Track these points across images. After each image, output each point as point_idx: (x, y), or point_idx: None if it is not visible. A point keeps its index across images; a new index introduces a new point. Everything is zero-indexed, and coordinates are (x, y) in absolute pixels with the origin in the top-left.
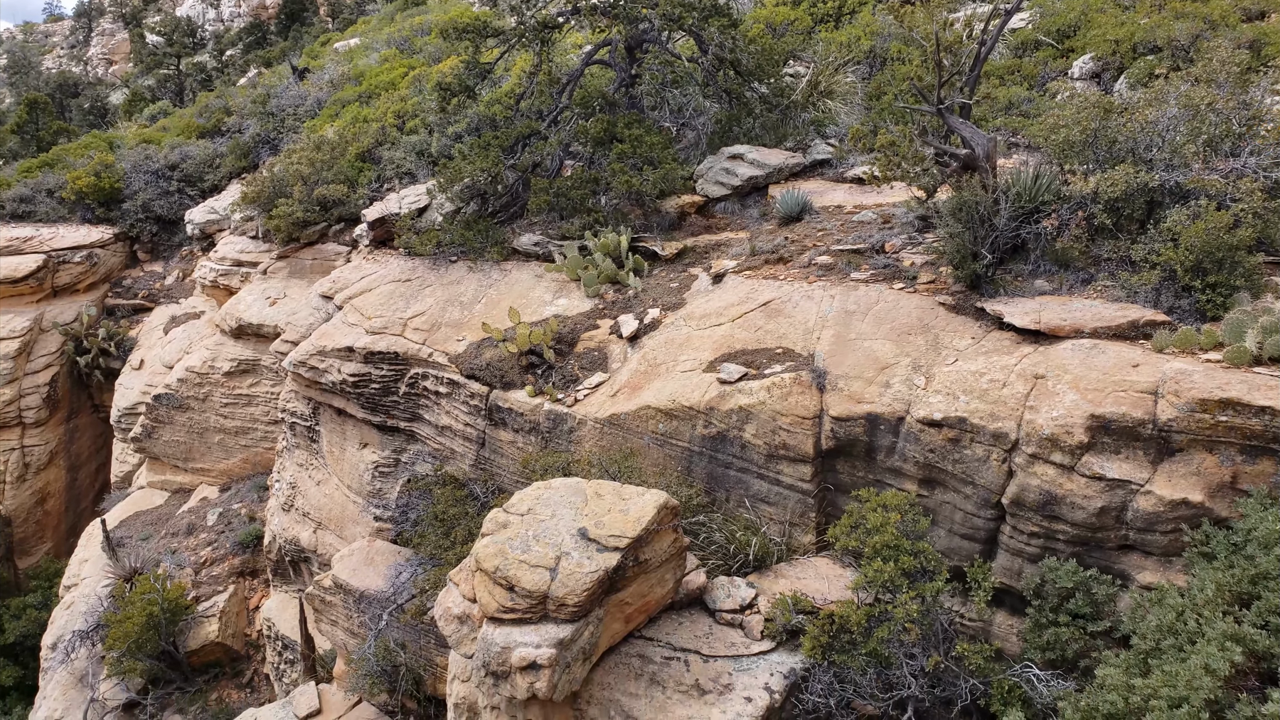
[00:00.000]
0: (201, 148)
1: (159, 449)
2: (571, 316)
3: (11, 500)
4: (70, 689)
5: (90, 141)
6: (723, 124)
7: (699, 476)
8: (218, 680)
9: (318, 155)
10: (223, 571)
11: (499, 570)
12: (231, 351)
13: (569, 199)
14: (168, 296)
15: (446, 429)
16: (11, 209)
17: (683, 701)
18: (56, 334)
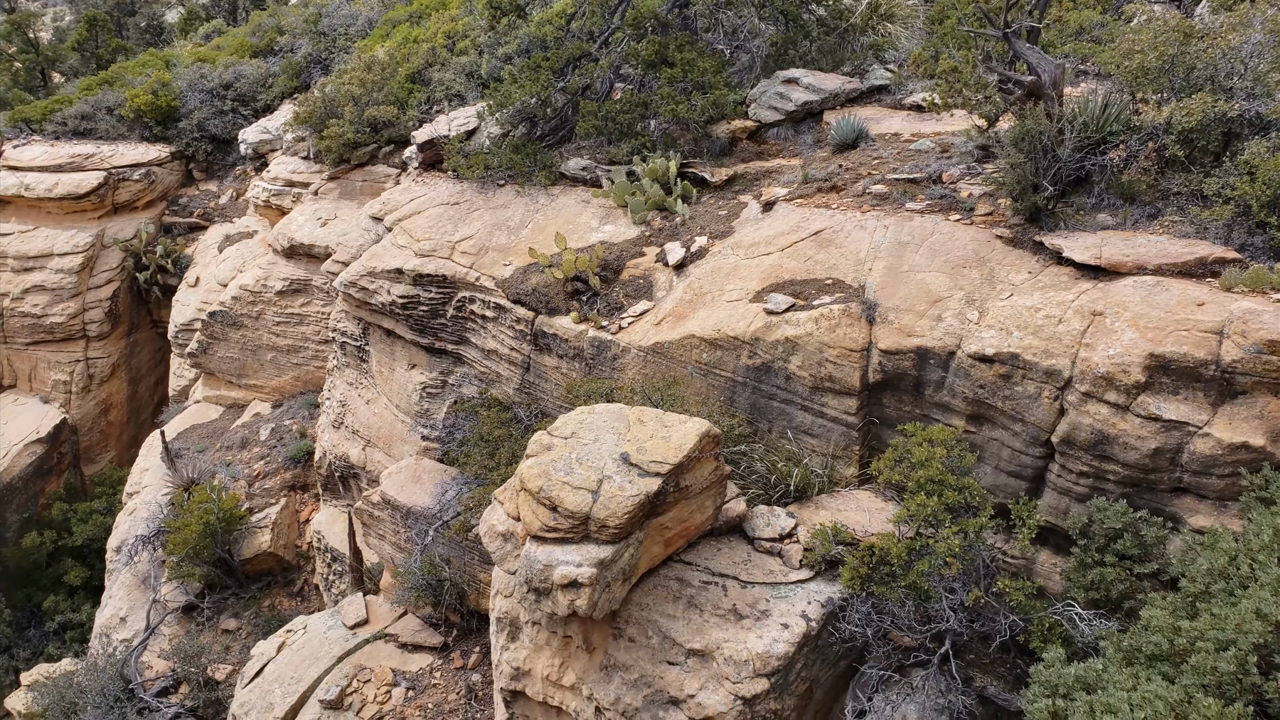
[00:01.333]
0: (255, 67)
1: (214, 365)
2: (617, 243)
3: (77, 410)
4: (134, 590)
5: (148, 60)
6: (778, 47)
7: (741, 407)
8: (270, 588)
9: (368, 76)
10: (275, 485)
11: (542, 491)
12: (284, 271)
13: (617, 123)
14: (222, 215)
15: (492, 353)
16: (73, 126)
17: (719, 625)
18: (117, 250)
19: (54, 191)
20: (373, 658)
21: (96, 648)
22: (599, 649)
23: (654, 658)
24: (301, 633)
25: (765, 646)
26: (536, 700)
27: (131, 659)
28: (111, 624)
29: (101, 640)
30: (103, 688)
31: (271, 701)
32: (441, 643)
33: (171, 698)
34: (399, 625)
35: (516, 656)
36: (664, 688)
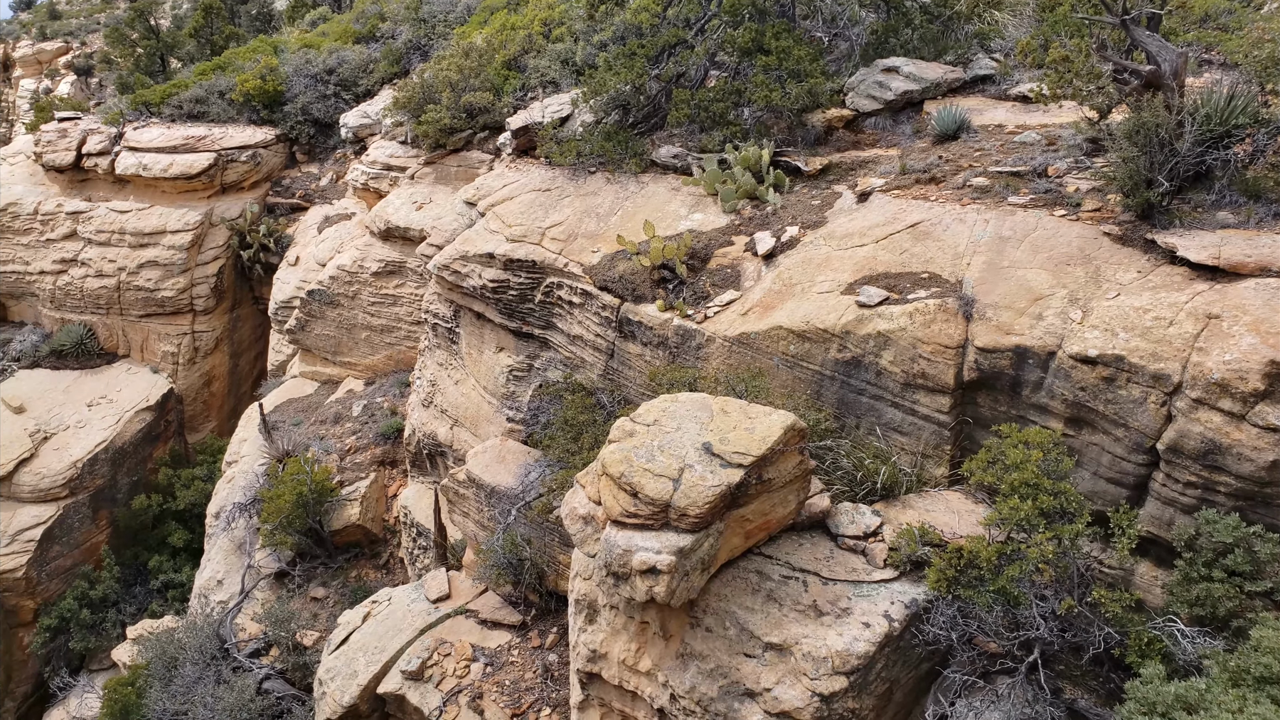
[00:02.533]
0: (357, 53)
1: (311, 341)
2: (706, 232)
3: (183, 380)
4: (230, 554)
5: (257, 46)
6: (878, 35)
7: (829, 401)
8: (357, 559)
9: (466, 62)
10: (365, 459)
11: (624, 476)
12: (379, 253)
13: (710, 111)
14: (322, 197)
15: (578, 338)
16: (188, 109)
17: (799, 620)
18: (223, 229)
19: (169, 171)
20: (453, 632)
21: (195, 607)
22: (676, 637)
23: (731, 649)
24: (386, 604)
25: (845, 645)
26: (612, 683)
27: (227, 620)
28: (209, 586)
29: (200, 601)
30: (200, 645)
31: (356, 669)
32: (520, 621)
33: (262, 659)
34: (479, 602)
35: (593, 639)
36: (740, 679)
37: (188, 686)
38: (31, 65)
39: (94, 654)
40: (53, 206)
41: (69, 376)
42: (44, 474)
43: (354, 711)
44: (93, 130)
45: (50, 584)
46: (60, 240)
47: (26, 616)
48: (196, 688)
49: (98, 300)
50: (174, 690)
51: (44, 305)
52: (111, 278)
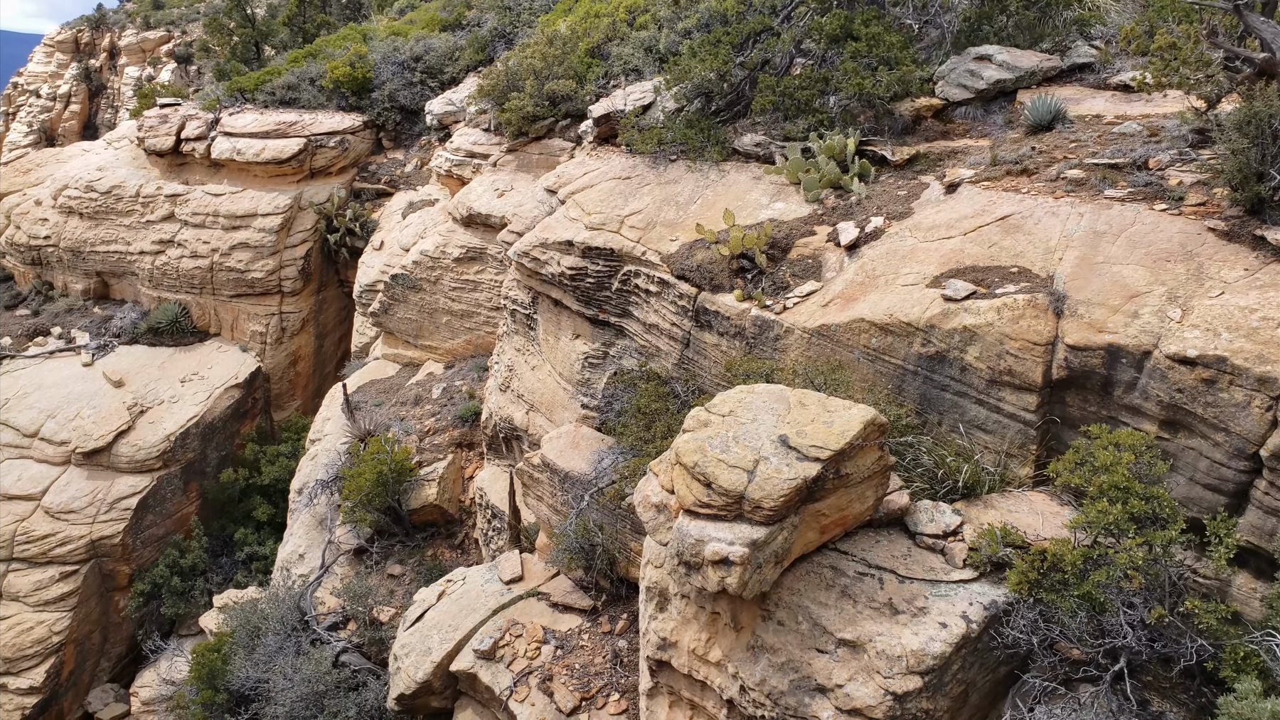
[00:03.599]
0: (443, 41)
1: (393, 324)
2: (787, 221)
3: (270, 359)
4: (312, 530)
5: (347, 34)
6: (971, 22)
7: (910, 396)
8: (433, 539)
9: (550, 50)
10: (443, 441)
11: (697, 466)
12: (461, 239)
13: (795, 99)
14: (406, 183)
15: (654, 327)
16: (280, 95)
17: (873, 617)
18: (312, 212)
19: (261, 156)
20: (525, 614)
21: (278, 579)
22: (747, 628)
23: (803, 643)
24: (460, 583)
25: (921, 644)
26: (681, 672)
27: (307, 593)
28: (291, 559)
29: (282, 573)
30: (282, 616)
31: (430, 646)
32: (591, 606)
33: (340, 633)
34: (551, 585)
35: (664, 627)
36: (811, 674)
37: (269, 656)
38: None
39: (183, 620)
40: (153, 189)
41: (164, 353)
42: (140, 446)
43: (427, 687)
44: (191, 116)
45: (144, 551)
46: (159, 222)
47: (122, 581)
48: (277, 657)
49: (192, 280)
50: (256, 658)
51: (143, 284)
52: (205, 258)
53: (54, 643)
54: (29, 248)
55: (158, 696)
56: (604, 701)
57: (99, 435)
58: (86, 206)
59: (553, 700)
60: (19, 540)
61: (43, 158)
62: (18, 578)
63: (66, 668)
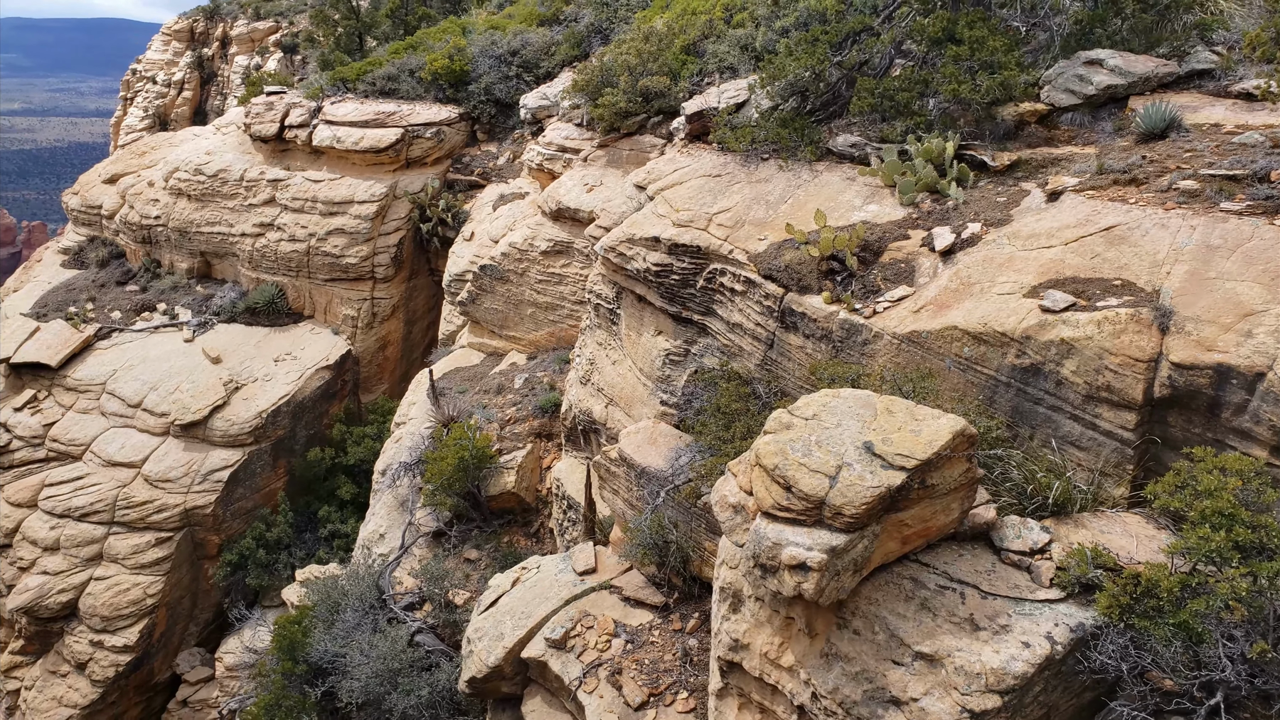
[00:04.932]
0: (540, 35)
1: (480, 314)
2: (880, 224)
3: (360, 343)
4: (393, 511)
5: (447, 26)
6: (1083, 25)
7: (1001, 408)
8: (509, 526)
9: (645, 46)
10: (523, 430)
11: (778, 469)
12: (549, 232)
13: (893, 100)
14: (498, 176)
15: (737, 326)
16: (380, 86)
17: (953, 632)
18: (406, 202)
19: (359, 145)
20: (597, 606)
21: (358, 557)
22: (821, 635)
23: (878, 654)
24: (535, 571)
25: (1002, 662)
26: (752, 675)
27: (386, 572)
28: (372, 538)
29: (363, 551)
30: (361, 594)
31: (502, 631)
32: (662, 602)
33: (416, 613)
34: (624, 579)
35: (736, 629)
36: (886, 685)
37: (347, 631)
38: (246, 43)
39: (267, 591)
40: (256, 174)
41: (260, 332)
42: (234, 421)
43: (498, 672)
44: (295, 104)
45: (233, 523)
46: (260, 205)
47: (212, 550)
48: (355, 633)
49: (289, 263)
50: (335, 633)
51: (243, 265)
52: (302, 243)
53: (148, 605)
54: (140, 226)
55: (241, 663)
56: (672, 699)
57: (196, 409)
58: (194, 188)
59: (621, 694)
60: (120, 505)
61: (156, 141)
62: (118, 540)
63: (158, 629)
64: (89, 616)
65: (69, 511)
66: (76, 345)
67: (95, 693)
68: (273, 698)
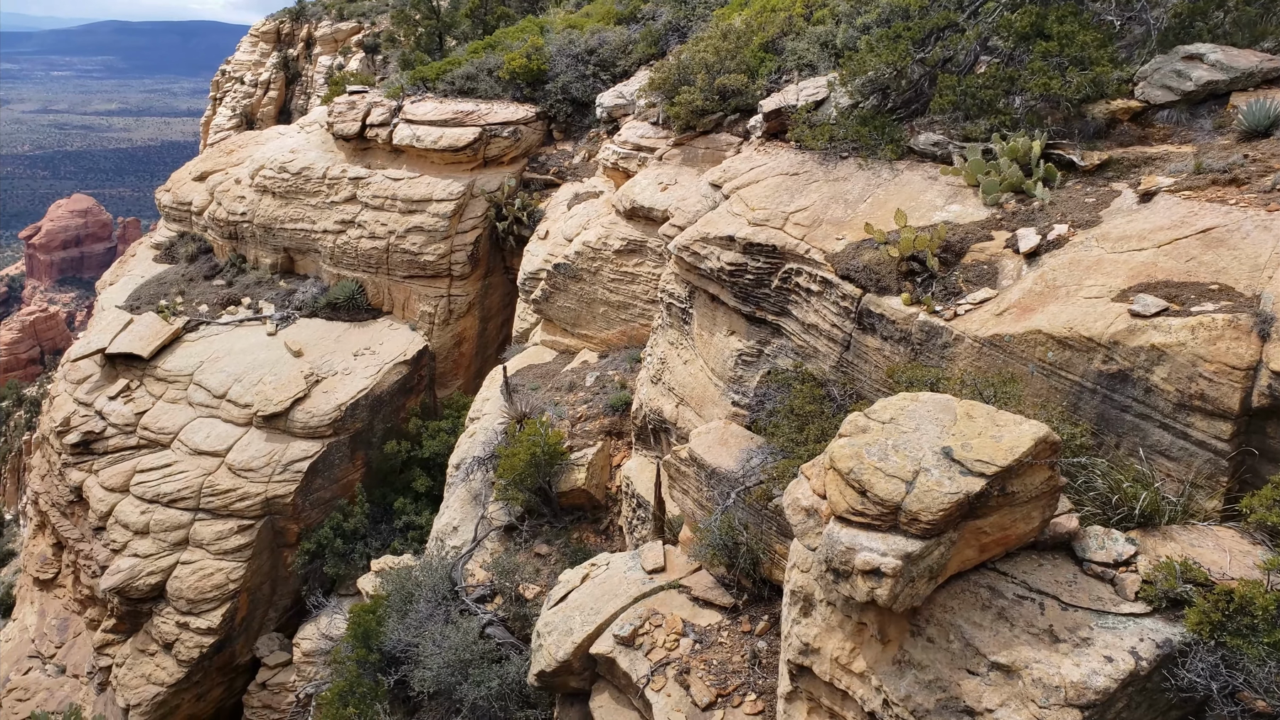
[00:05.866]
0: (617, 34)
1: (553, 312)
2: (963, 224)
3: (437, 339)
4: (466, 504)
5: (525, 26)
6: (1181, 18)
7: (1087, 415)
8: (579, 522)
9: (723, 44)
10: (593, 428)
11: (852, 473)
12: (623, 231)
13: (978, 98)
14: (573, 174)
15: (812, 327)
16: (459, 85)
17: (1031, 643)
18: (482, 200)
19: (438, 144)
20: (665, 605)
21: (432, 549)
22: (894, 642)
23: (953, 663)
24: (604, 568)
25: (1082, 676)
26: (822, 679)
27: (459, 565)
28: (445, 531)
29: (436, 543)
30: (434, 585)
31: (571, 626)
32: (732, 604)
33: (487, 605)
34: (692, 579)
35: (807, 633)
36: (960, 695)
37: (420, 621)
38: (329, 43)
39: (343, 580)
40: (338, 172)
41: (340, 327)
42: (314, 413)
43: (567, 667)
44: (376, 103)
45: (311, 512)
46: (342, 203)
47: (291, 538)
48: (428, 624)
49: (369, 260)
50: (408, 623)
51: (324, 261)
52: (382, 240)
53: (230, 589)
54: (227, 223)
55: (317, 649)
56: (740, 700)
57: (278, 400)
58: (279, 186)
59: (689, 693)
60: (205, 493)
61: (243, 140)
62: (203, 527)
63: (240, 614)
64: (176, 599)
65: (158, 497)
66: (166, 337)
67: (181, 672)
68: (347, 684)
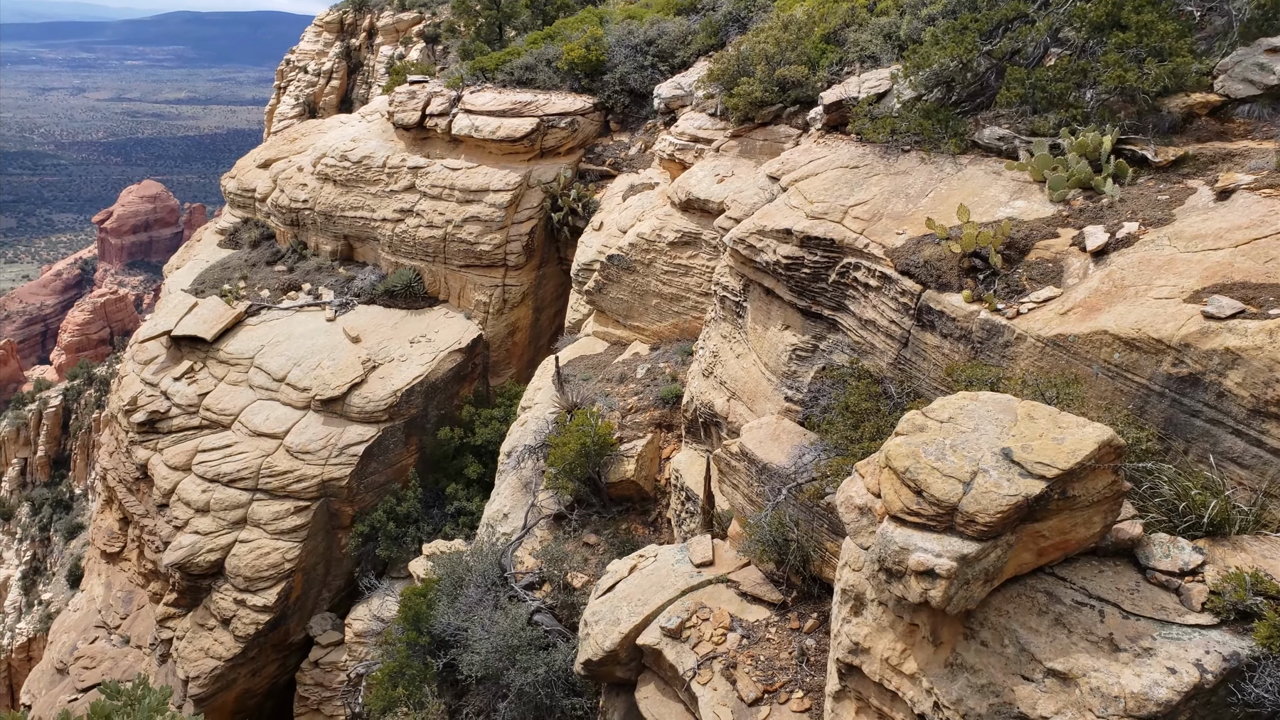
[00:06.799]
0: (676, 25)
1: (605, 304)
2: (1028, 221)
3: (491, 328)
4: (517, 492)
5: (585, 16)
6: (1265, 9)
7: (1153, 419)
8: (627, 513)
9: (784, 35)
10: (643, 420)
11: (909, 472)
12: (677, 223)
13: (1047, 91)
14: (629, 166)
15: (870, 323)
16: (518, 76)
17: (1089, 651)
18: (538, 191)
19: (496, 134)
20: (713, 598)
21: (482, 535)
22: (946, 644)
23: (1007, 668)
24: (652, 560)
25: (1143, 687)
26: (872, 679)
27: (508, 551)
28: (496, 517)
29: (487, 530)
30: (484, 571)
31: (619, 617)
32: (780, 600)
33: (535, 593)
34: (741, 574)
35: (857, 632)
36: (1013, 701)
37: (469, 606)
38: (390, 33)
39: (395, 563)
40: (397, 161)
41: (397, 314)
42: (370, 398)
43: (613, 656)
44: (436, 93)
45: (366, 496)
46: (400, 192)
47: (345, 521)
48: (477, 609)
49: (426, 248)
50: (458, 607)
51: (382, 249)
52: (439, 229)
53: (286, 569)
54: (289, 210)
55: (369, 630)
56: (787, 697)
57: (336, 385)
58: (339, 174)
59: (735, 688)
60: (263, 473)
61: (306, 128)
62: (260, 507)
63: (294, 593)
64: (233, 576)
65: (218, 477)
66: (229, 321)
67: (237, 647)
68: (397, 665)
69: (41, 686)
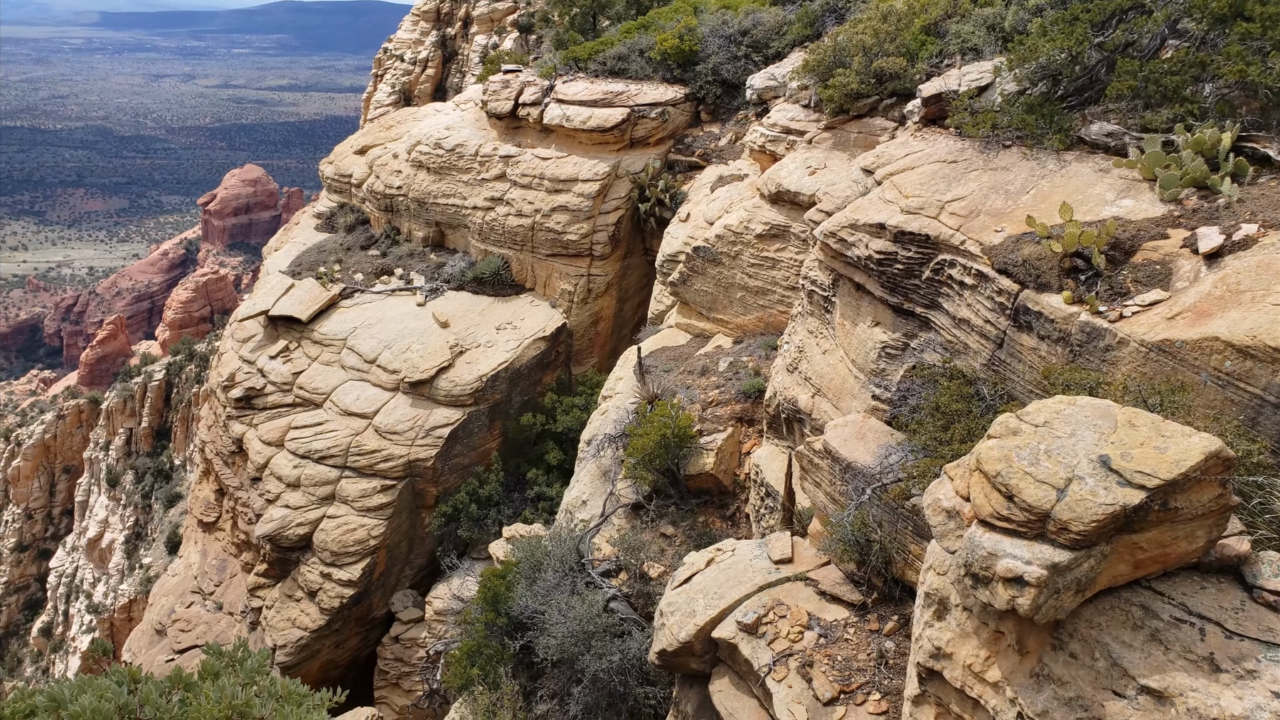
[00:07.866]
0: (772, 15)
1: (689, 295)
2: (1135, 221)
3: (575, 317)
4: (596, 479)
5: (679, 6)
6: None
7: (1266, 431)
8: (705, 506)
9: (883, 26)
10: (724, 414)
11: (1000, 476)
12: (766, 215)
13: (1162, 85)
14: (718, 157)
15: (964, 322)
16: (610, 65)
17: (1187, 670)
18: (626, 181)
19: (587, 124)
20: (791, 596)
21: (561, 521)
22: (1032, 654)
23: (1097, 682)
24: (730, 554)
25: (1245, 710)
26: (953, 685)
27: (586, 538)
28: (575, 504)
29: (565, 515)
30: (562, 556)
31: (694, 609)
32: (860, 601)
33: (612, 580)
34: (820, 573)
35: (940, 636)
36: (1103, 716)
37: (547, 590)
38: (485, 23)
39: (475, 544)
40: (490, 149)
41: (485, 301)
42: (456, 382)
43: (688, 648)
44: (529, 83)
45: (449, 477)
46: (491, 180)
47: (429, 501)
48: (554, 593)
49: (514, 237)
50: (536, 590)
51: (472, 236)
52: (528, 218)
53: (370, 545)
54: (384, 195)
55: (448, 609)
56: (864, 698)
57: (424, 368)
58: (433, 161)
59: (811, 686)
60: (352, 452)
61: (401, 116)
62: (348, 484)
63: (378, 569)
64: (321, 550)
65: (309, 453)
66: (324, 302)
67: (323, 619)
68: (475, 645)
69: (142, 645)
